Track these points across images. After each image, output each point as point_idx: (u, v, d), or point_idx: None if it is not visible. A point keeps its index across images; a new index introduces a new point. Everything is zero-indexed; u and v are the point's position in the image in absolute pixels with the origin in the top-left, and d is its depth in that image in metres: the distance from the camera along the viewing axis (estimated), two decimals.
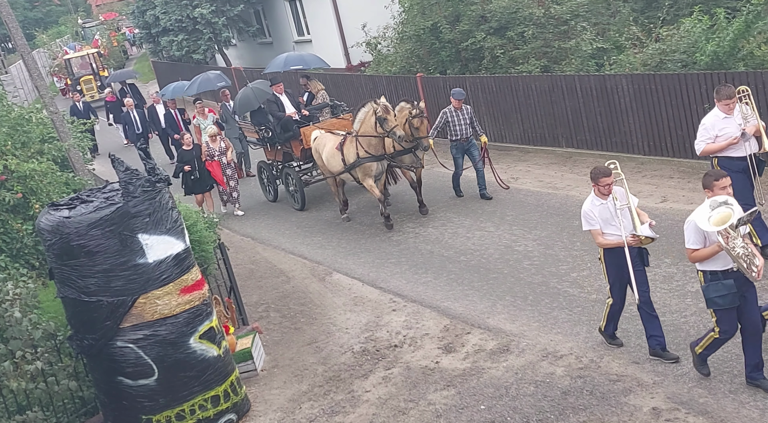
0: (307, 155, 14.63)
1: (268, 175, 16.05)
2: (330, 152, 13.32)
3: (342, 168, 13.11)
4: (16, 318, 7.85)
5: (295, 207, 15.19)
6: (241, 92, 15.90)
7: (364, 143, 12.76)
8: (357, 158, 12.81)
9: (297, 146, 14.87)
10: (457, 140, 13.48)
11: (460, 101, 13.38)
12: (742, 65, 13.13)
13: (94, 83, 34.39)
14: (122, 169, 7.82)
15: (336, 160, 13.18)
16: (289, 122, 14.87)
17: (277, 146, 15.28)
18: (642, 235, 7.51)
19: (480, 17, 17.71)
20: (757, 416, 6.63)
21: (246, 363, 9.28)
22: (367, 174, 12.93)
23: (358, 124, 12.87)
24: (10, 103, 12.06)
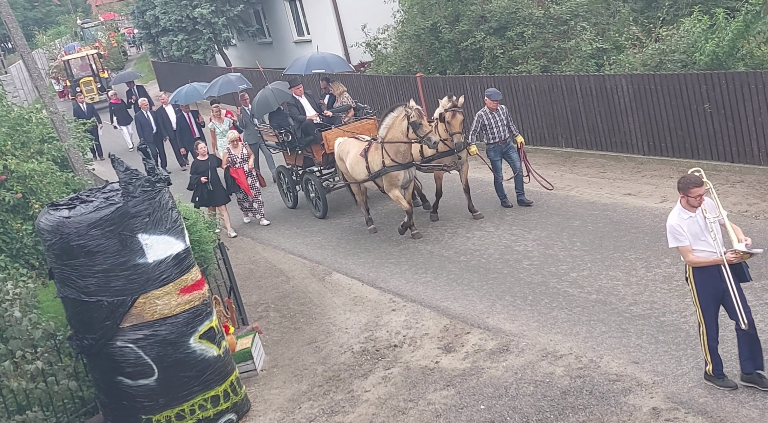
0: (329, 160, 14.00)
1: (288, 181, 15.28)
2: (354, 159, 12.57)
3: (366, 176, 12.35)
4: (16, 318, 7.86)
5: (316, 214, 14.45)
6: (260, 94, 15.21)
7: (391, 150, 11.96)
8: (382, 166, 12.03)
9: (318, 151, 14.14)
10: (495, 143, 12.61)
11: (496, 102, 12.51)
12: (742, 65, 13.14)
13: (94, 85, 33.62)
14: (122, 169, 7.82)
15: (360, 168, 12.44)
16: (310, 126, 14.05)
17: (298, 151, 14.52)
18: (742, 251, 6.92)
19: (479, 17, 17.72)
20: (757, 416, 6.63)
21: (246, 363, 9.29)
22: (392, 184, 12.09)
23: (384, 129, 12.03)
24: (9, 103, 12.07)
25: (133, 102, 24.21)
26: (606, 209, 11.74)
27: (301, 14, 26.48)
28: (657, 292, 8.98)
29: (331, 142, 13.60)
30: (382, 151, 12.05)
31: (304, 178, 14.63)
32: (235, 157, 14.37)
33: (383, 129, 12.07)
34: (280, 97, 14.83)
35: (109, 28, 49.27)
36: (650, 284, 9.20)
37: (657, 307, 8.69)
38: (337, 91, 15.97)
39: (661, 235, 10.32)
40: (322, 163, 14.27)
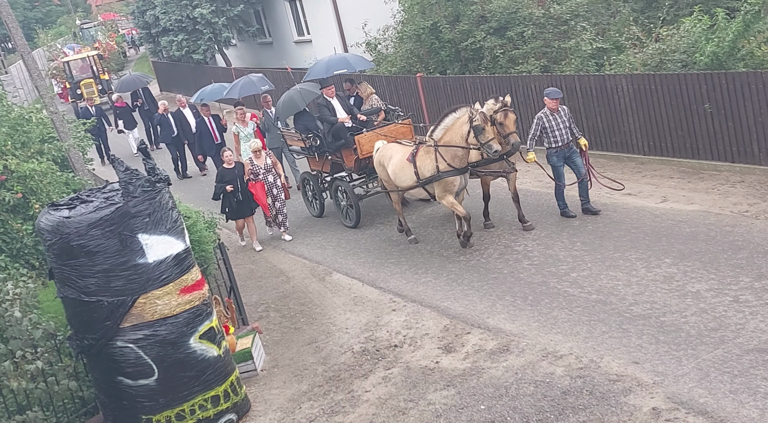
0: (362, 166, 13.18)
1: (314, 188, 14.35)
2: (399, 164, 11.63)
3: (414, 182, 11.41)
4: (16, 318, 7.86)
5: (347, 224, 13.54)
6: (285, 94, 14.47)
7: (447, 154, 10.98)
8: (436, 171, 11.07)
9: (349, 156, 13.24)
10: (557, 148, 11.57)
11: (556, 101, 11.53)
12: (742, 65, 13.14)
13: (95, 87, 32.72)
14: (122, 169, 7.82)
15: (407, 173, 11.49)
16: (342, 129, 13.13)
17: (327, 156, 13.60)
18: None
19: (480, 17, 17.72)
20: (757, 416, 6.63)
21: (246, 363, 9.29)
22: (447, 190, 11.15)
23: (441, 131, 11.08)
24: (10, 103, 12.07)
25: (138, 105, 23.69)
26: (606, 209, 11.74)
27: (301, 14, 26.49)
28: (657, 293, 8.97)
29: (365, 146, 12.86)
30: (435, 154, 11.08)
31: (334, 185, 13.65)
32: (257, 168, 13.29)
33: (440, 130, 11.11)
34: (308, 97, 14.11)
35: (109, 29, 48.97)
36: (651, 284, 9.20)
37: (657, 307, 8.69)
38: (364, 93, 14.94)
39: (662, 235, 10.35)
40: (354, 169, 13.31)
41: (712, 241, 9.96)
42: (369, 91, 14.89)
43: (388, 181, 12.07)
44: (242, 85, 17.50)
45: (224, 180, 13.12)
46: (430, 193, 11.52)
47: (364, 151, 12.89)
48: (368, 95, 14.76)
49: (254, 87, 17.43)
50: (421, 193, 11.74)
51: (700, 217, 10.64)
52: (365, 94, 14.83)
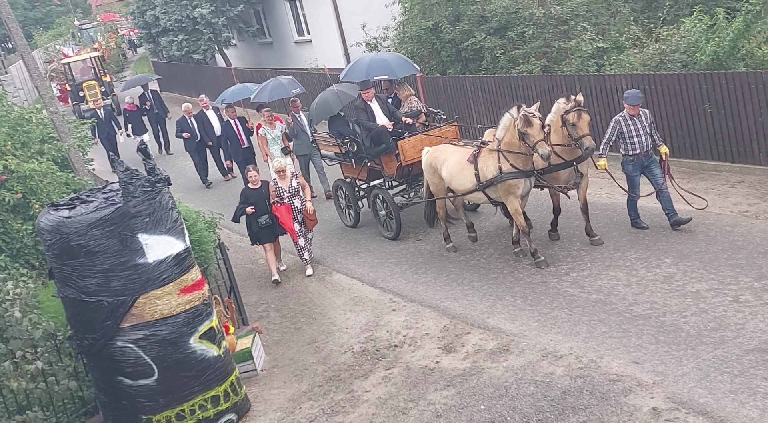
0: (404, 173, 12.32)
1: (348, 197, 13.42)
2: (457, 166, 10.81)
3: (474, 185, 10.57)
4: (17, 318, 7.86)
5: (386, 235, 12.67)
6: (320, 96, 13.68)
7: (510, 155, 10.18)
8: (499, 173, 10.22)
9: (389, 162, 12.35)
10: (634, 155, 10.56)
11: (636, 106, 10.48)
12: (743, 65, 13.15)
13: (98, 89, 31.26)
14: (122, 169, 7.82)
15: (466, 175, 10.68)
16: (384, 133, 12.21)
17: (366, 162, 12.72)
18: None
19: (480, 17, 17.72)
20: (757, 416, 6.63)
21: (246, 363, 9.29)
22: (512, 193, 10.27)
23: (502, 131, 10.25)
24: (10, 103, 12.07)
25: (147, 108, 22.61)
26: (606, 209, 11.73)
27: (301, 14, 26.50)
28: (657, 293, 8.97)
29: (408, 152, 11.96)
30: (499, 155, 10.25)
31: (372, 194, 12.79)
32: (281, 190, 11.85)
33: (501, 130, 10.29)
34: (345, 100, 13.34)
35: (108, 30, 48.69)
36: (650, 284, 9.20)
37: (657, 307, 8.69)
38: (403, 94, 13.94)
39: (662, 235, 10.35)
40: (395, 176, 12.40)
41: (712, 241, 9.96)
42: (408, 92, 14.01)
43: (439, 185, 11.27)
44: (272, 88, 16.41)
45: (249, 201, 11.77)
46: (491, 198, 10.69)
47: (407, 157, 12.00)
48: (407, 97, 13.87)
49: (284, 90, 16.35)
50: (480, 198, 10.87)
51: (700, 217, 10.63)
52: (404, 95, 13.93)
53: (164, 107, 22.89)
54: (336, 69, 23.68)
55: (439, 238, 12.11)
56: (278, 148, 14.98)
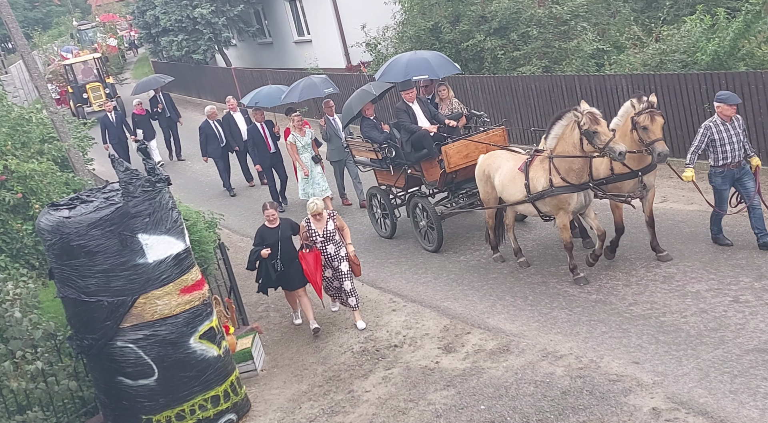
0: (447, 181, 11.40)
1: (384, 205, 12.55)
2: (509, 174, 10.00)
3: (523, 196, 9.76)
4: (17, 318, 7.86)
5: (427, 247, 11.78)
6: (350, 98, 12.90)
7: (562, 167, 9.32)
8: (548, 186, 9.43)
9: (430, 169, 11.46)
10: (724, 166, 9.49)
11: (734, 108, 9.39)
12: (743, 65, 13.15)
13: (102, 91, 30.60)
14: (122, 169, 7.82)
15: (516, 186, 9.88)
16: (427, 137, 11.29)
17: (405, 168, 11.82)
18: None
19: (480, 18, 17.72)
20: (757, 416, 6.63)
21: (246, 363, 9.29)
22: (562, 208, 9.49)
23: (553, 140, 9.41)
24: (10, 103, 12.07)
25: (159, 111, 21.42)
26: (606, 209, 11.72)
27: (301, 14, 26.50)
28: (657, 292, 8.97)
29: (453, 158, 11.10)
30: (550, 166, 9.46)
31: (412, 203, 11.94)
32: (314, 233, 9.90)
33: (552, 139, 9.44)
34: (365, 99, 12.37)
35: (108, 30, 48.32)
36: (650, 284, 9.20)
37: (657, 307, 8.69)
38: (443, 95, 13.05)
39: (662, 235, 10.34)
40: (438, 183, 11.44)
41: (712, 241, 9.95)
42: (448, 93, 13.09)
43: (490, 194, 10.44)
44: (303, 88, 15.26)
45: (264, 243, 10.00)
46: (541, 212, 9.90)
47: (451, 164, 11.12)
48: (447, 97, 13.00)
49: (316, 89, 15.19)
50: (531, 211, 10.01)
51: (700, 217, 10.63)
52: (445, 96, 13.02)
53: (176, 111, 21.80)
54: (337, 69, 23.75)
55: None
56: (308, 156, 14.05)
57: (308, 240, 9.89)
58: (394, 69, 13.20)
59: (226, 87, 27.57)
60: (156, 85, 22.06)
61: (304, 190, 14.11)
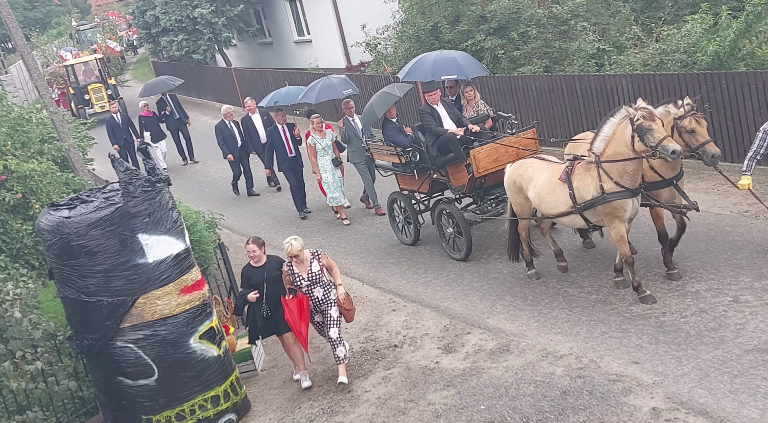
0: (475, 186, 10.96)
1: (407, 211, 12.02)
2: (547, 185, 9.31)
3: (569, 207, 9.07)
4: (17, 318, 7.87)
5: (454, 256, 11.25)
6: (370, 100, 12.40)
7: (615, 170, 8.66)
8: (601, 193, 8.72)
9: (456, 173, 11.08)
10: None
11: None
12: (743, 65, 13.15)
13: (104, 92, 29.99)
14: (122, 169, 7.82)
15: (557, 197, 9.19)
16: (454, 141, 10.85)
17: (430, 173, 11.43)
18: None
19: (480, 17, 17.72)
20: (757, 416, 6.63)
21: (246, 363, 9.29)
22: (617, 216, 8.80)
23: (602, 143, 8.75)
24: (10, 103, 12.07)
25: (167, 114, 20.59)
26: None
27: (301, 14, 26.51)
28: (657, 292, 8.97)
29: (482, 162, 10.62)
30: (598, 171, 8.78)
31: (438, 209, 11.39)
32: (298, 277, 8.75)
33: (600, 141, 8.80)
34: (388, 102, 11.96)
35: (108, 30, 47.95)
36: (650, 284, 9.19)
37: (657, 307, 8.69)
38: (468, 96, 12.47)
39: None
40: (466, 188, 11.00)
41: (712, 241, 9.95)
42: (475, 95, 12.53)
43: (524, 206, 9.83)
44: (321, 88, 14.64)
45: (249, 283, 8.92)
46: (590, 222, 9.21)
47: (480, 168, 10.65)
48: (474, 100, 12.44)
49: (334, 90, 14.53)
50: (577, 222, 9.37)
51: (700, 217, 10.62)
52: (470, 97, 12.44)
53: (184, 112, 21.00)
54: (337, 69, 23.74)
55: (439, 238, 12.09)
56: (328, 159, 13.60)
57: (292, 285, 8.75)
58: (420, 68, 12.80)
59: (226, 87, 27.57)
60: (165, 88, 21.25)
61: (329, 196, 13.80)
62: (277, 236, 14.10)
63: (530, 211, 9.86)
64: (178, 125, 20.72)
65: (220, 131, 16.86)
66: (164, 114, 20.56)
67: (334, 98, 14.85)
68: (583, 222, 9.21)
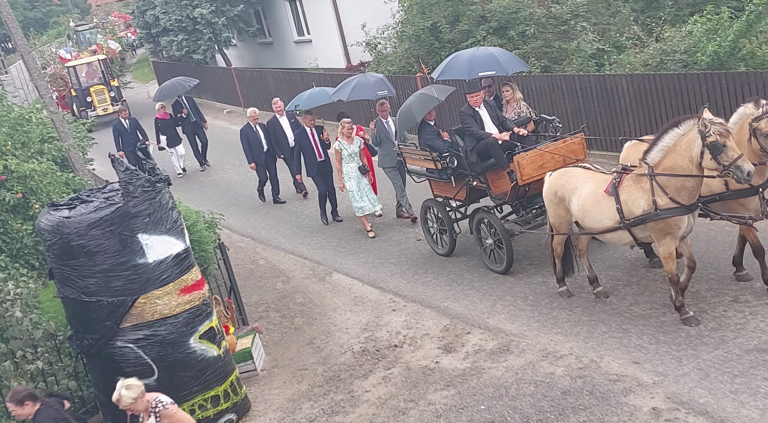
0: (519, 194, 10.24)
1: (442, 219, 11.34)
2: (592, 198, 8.59)
3: (615, 222, 8.38)
4: (17, 318, 7.86)
5: (494, 268, 10.55)
6: (406, 101, 11.68)
7: (672, 185, 7.94)
8: (653, 208, 8.03)
9: (497, 181, 10.43)
10: None
11: None
12: (743, 65, 13.15)
13: (107, 94, 29.06)
14: (122, 169, 7.82)
15: (603, 211, 8.48)
16: (494, 147, 10.19)
17: (470, 180, 10.69)
18: None
19: (480, 17, 17.73)
20: (757, 416, 6.63)
21: (246, 363, 9.29)
22: (669, 233, 8.10)
23: (659, 152, 8.00)
24: (10, 103, 12.07)
25: (183, 116, 19.55)
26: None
27: (301, 14, 26.51)
28: (657, 292, 8.97)
29: (527, 169, 9.92)
30: (652, 184, 8.05)
31: (476, 219, 10.68)
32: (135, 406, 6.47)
33: (657, 152, 8.01)
34: (428, 105, 11.25)
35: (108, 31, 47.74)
36: (650, 284, 9.20)
37: (657, 307, 8.69)
38: (509, 97, 11.73)
39: None
40: (509, 197, 10.30)
41: (712, 242, 9.95)
42: (515, 95, 11.74)
43: (563, 218, 9.12)
44: (355, 86, 13.70)
45: None
46: (637, 239, 8.53)
47: (525, 176, 9.93)
48: (513, 100, 11.70)
49: (369, 90, 13.61)
50: (623, 238, 8.64)
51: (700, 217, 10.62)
52: (509, 97, 11.72)
53: (201, 115, 19.90)
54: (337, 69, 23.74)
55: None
56: (354, 166, 12.80)
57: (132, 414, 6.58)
58: (455, 66, 12.14)
59: (227, 87, 27.57)
60: (182, 90, 19.88)
61: (355, 206, 12.97)
62: (278, 236, 14.11)
63: (569, 225, 9.18)
64: (194, 129, 19.73)
65: (245, 135, 15.87)
66: (180, 117, 19.59)
67: (367, 98, 14.10)
68: (630, 238, 8.52)
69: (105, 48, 36.84)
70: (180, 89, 19.86)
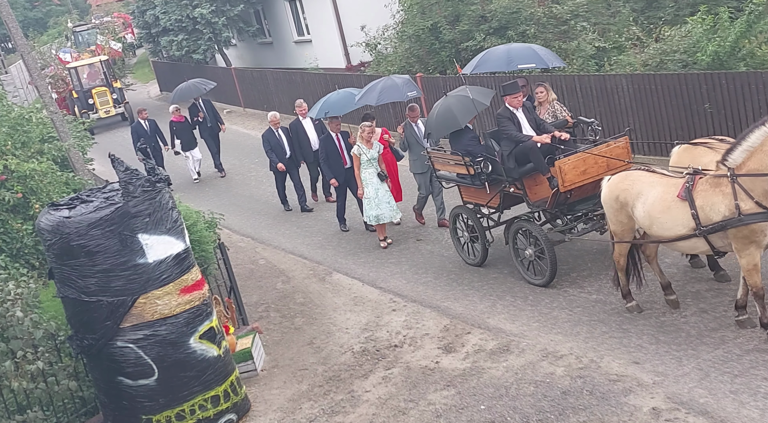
0: (560, 201, 9.66)
1: (474, 228, 10.80)
2: (661, 203, 7.95)
3: (690, 230, 7.76)
4: (18, 318, 7.86)
5: (534, 281, 9.91)
6: (442, 104, 10.91)
7: (758, 188, 7.34)
8: (736, 213, 7.41)
9: (535, 187, 9.90)
10: None
11: None
12: (743, 65, 13.16)
13: (110, 96, 28.60)
14: (122, 169, 7.82)
15: (675, 217, 7.84)
16: (533, 151, 9.67)
17: (505, 186, 10.07)
18: None
19: (480, 17, 17.73)
20: (757, 416, 6.63)
21: (246, 363, 9.28)
22: (754, 241, 7.48)
23: (743, 153, 7.43)
24: (10, 103, 12.07)
25: (200, 120, 18.82)
26: None
27: (301, 14, 26.52)
28: (657, 292, 8.97)
29: (569, 174, 9.39)
30: (733, 188, 7.46)
31: (514, 228, 10.09)
32: None
33: (741, 152, 7.44)
34: (478, 108, 10.61)
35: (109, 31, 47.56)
36: (651, 284, 9.19)
37: (657, 307, 8.69)
38: (543, 98, 11.29)
39: None
40: (550, 204, 9.69)
41: None
42: (549, 96, 11.27)
43: (626, 225, 8.48)
44: (382, 89, 13.04)
45: None
46: (715, 247, 7.87)
47: (567, 182, 9.40)
48: (548, 101, 11.24)
49: (398, 92, 12.98)
50: (698, 247, 8.01)
51: None
52: (543, 99, 11.26)
53: (219, 119, 19.08)
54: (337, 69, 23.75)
55: (440, 238, 12.08)
56: (373, 172, 12.13)
57: None
58: (491, 59, 11.69)
59: (227, 87, 27.58)
60: (198, 93, 19.24)
61: (368, 214, 12.28)
62: (278, 236, 14.11)
63: (632, 233, 8.53)
64: (211, 133, 18.94)
65: (267, 140, 15.14)
66: (197, 120, 18.86)
67: (396, 100, 13.51)
68: (705, 246, 7.86)
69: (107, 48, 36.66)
70: (196, 92, 19.22)
